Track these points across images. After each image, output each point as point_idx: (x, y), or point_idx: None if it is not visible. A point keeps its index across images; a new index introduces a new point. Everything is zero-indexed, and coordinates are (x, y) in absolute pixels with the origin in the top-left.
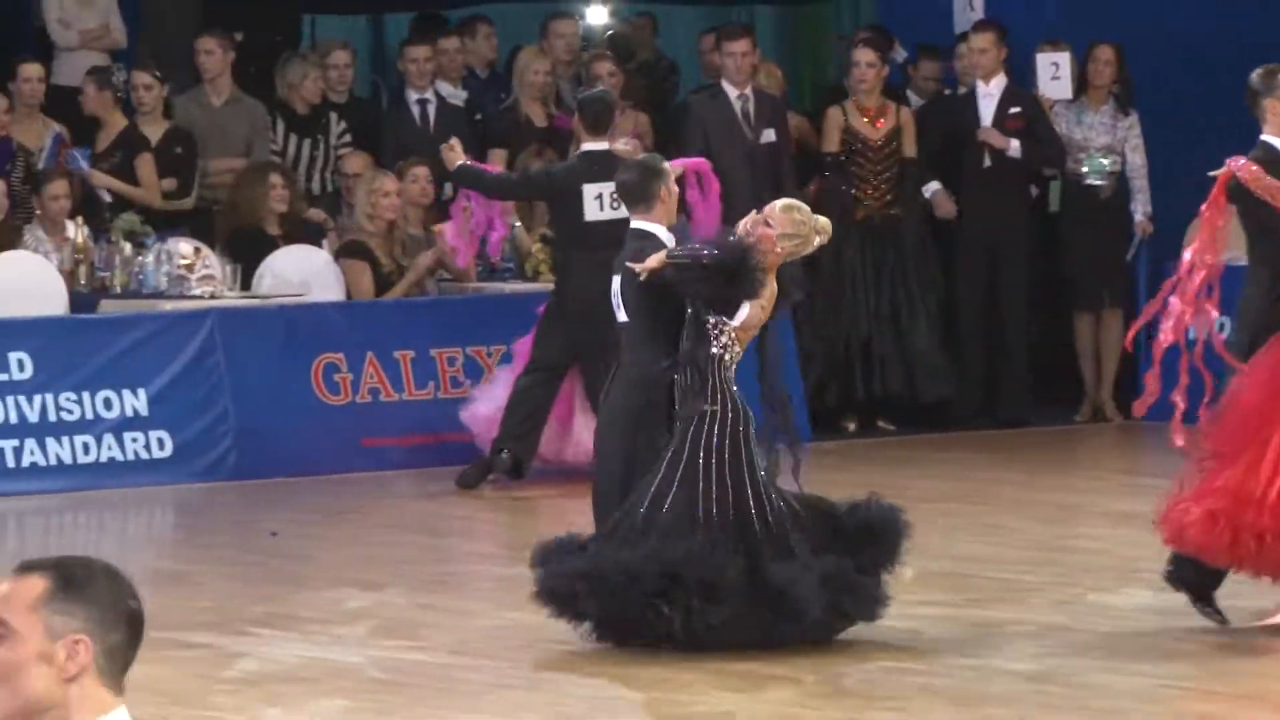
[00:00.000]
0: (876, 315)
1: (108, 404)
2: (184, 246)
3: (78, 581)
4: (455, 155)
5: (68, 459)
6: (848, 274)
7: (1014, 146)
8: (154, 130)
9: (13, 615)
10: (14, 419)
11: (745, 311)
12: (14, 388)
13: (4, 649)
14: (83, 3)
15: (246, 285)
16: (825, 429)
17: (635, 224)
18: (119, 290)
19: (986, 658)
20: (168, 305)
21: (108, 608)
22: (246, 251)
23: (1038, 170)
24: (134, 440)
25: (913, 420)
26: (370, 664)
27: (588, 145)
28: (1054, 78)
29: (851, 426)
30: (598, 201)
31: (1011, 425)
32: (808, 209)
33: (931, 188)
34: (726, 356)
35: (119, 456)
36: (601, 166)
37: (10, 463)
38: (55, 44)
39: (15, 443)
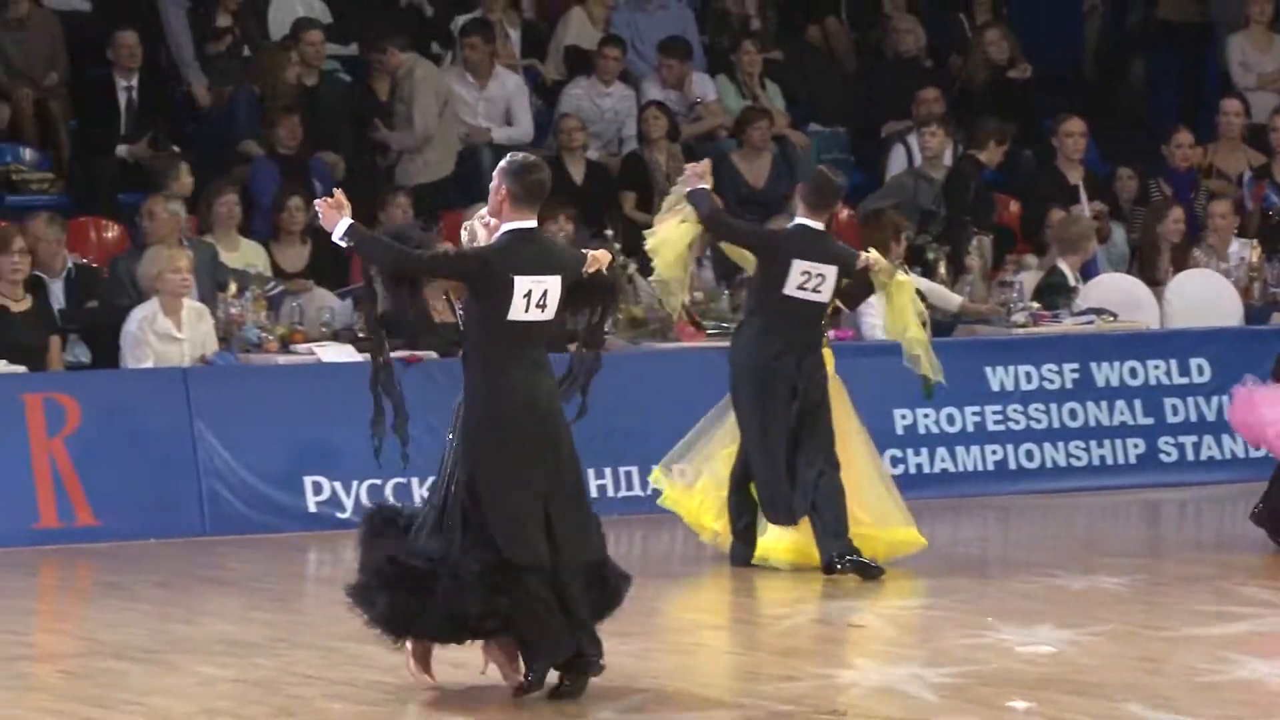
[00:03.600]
0: None
1: None
2: None
3: None
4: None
5: (1240, 454)
6: None
7: None
8: None
9: None
10: (1193, 417)
11: None
12: (1194, 390)
13: None
14: (1261, 49)
15: None
16: None
17: None
18: None
19: None
20: None
21: None
22: None
23: None
24: None
25: None
26: None
27: None
28: None
29: None
30: None
31: None
32: None
33: None
34: None
35: None
36: None
37: (1189, 456)
38: (1235, 84)
39: (1194, 438)
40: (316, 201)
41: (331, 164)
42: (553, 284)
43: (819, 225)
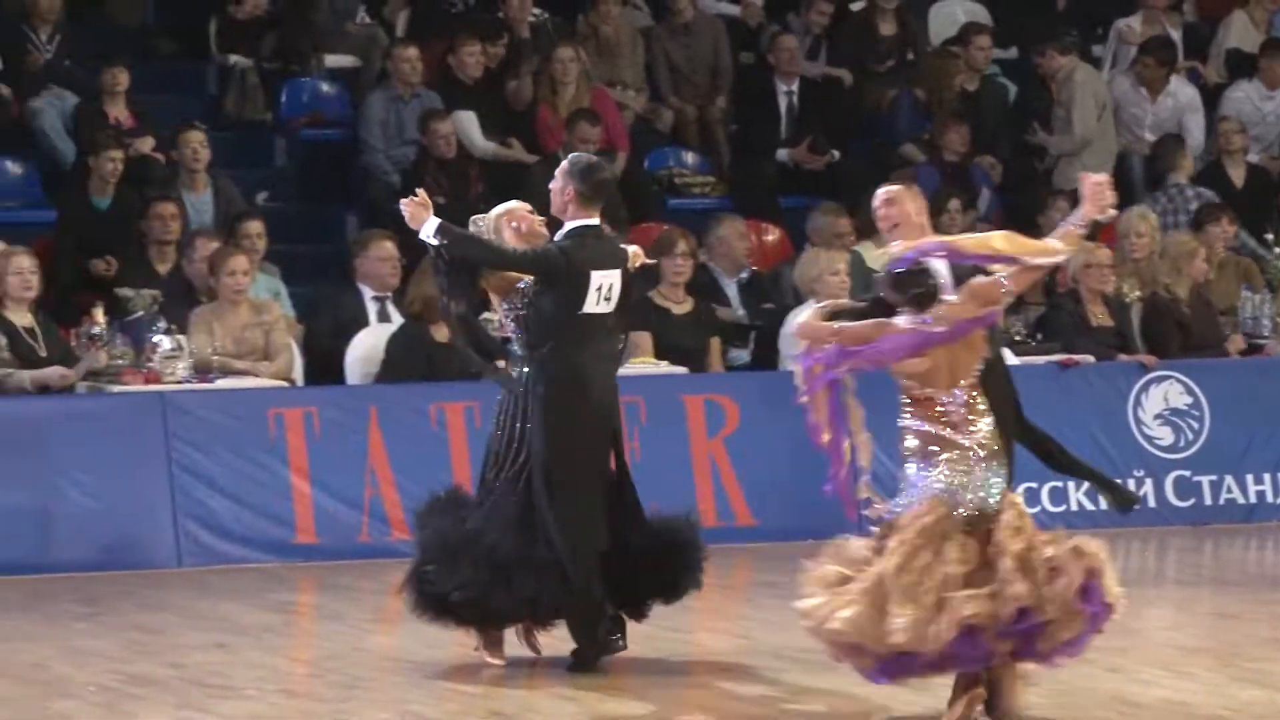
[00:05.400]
0: None
1: None
2: None
3: None
4: None
5: None
6: None
7: None
8: None
9: None
10: None
11: None
12: None
13: None
14: None
15: None
16: None
17: None
18: None
19: None
20: None
21: None
22: None
23: None
24: None
25: None
26: None
27: None
28: None
29: None
30: None
31: None
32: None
33: None
34: None
35: None
36: None
37: None
38: None
39: None
40: (403, 201)
41: (990, 167)
42: (616, 278)
43: None
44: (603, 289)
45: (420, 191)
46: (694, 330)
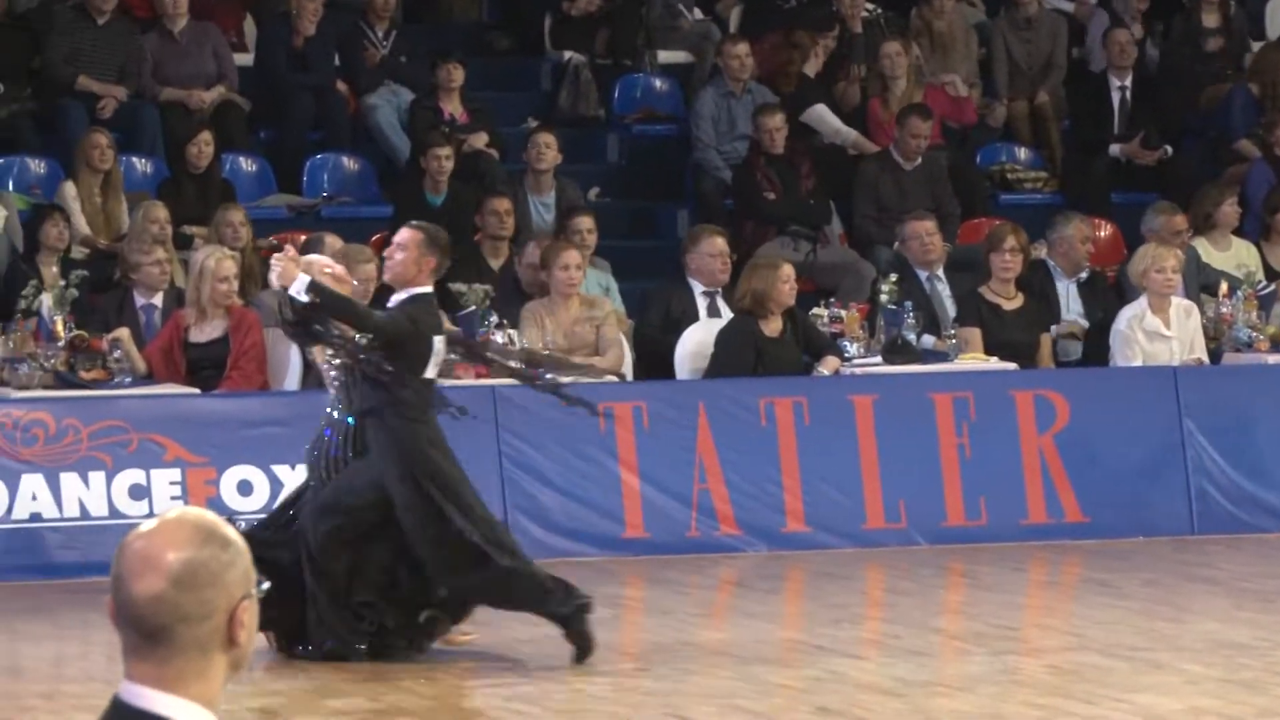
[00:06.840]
0: None
1: None
2: None
3: None
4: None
5: None
6: None
7: None
8: None
9: None
10: None
11: None
12: None
13: None
14: None
15: None
16: None
17: None
18: None
19: None
20: None
21: None
22: None
23: None
24: None
25: None
26: None
27: None
28: None
29: None
30: None
31: None
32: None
33: None
34: None
35: None
36: None
37: None
38: None
39: None
40: (274, 257)
41: None
42: (443, 344)
43: None
44: (438, 354)
45: (289, 247)
46: (1025, 325)
